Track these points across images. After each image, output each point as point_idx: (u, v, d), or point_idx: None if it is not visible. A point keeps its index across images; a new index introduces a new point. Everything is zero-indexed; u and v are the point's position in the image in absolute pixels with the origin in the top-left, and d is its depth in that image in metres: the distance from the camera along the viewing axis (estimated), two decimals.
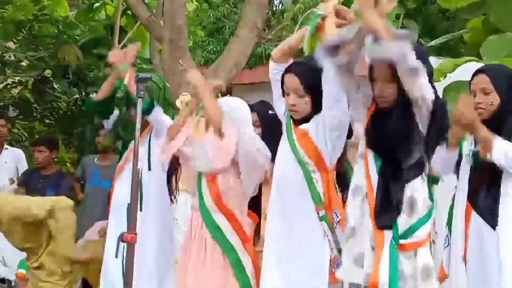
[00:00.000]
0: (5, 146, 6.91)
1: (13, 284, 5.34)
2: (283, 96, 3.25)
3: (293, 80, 3.14)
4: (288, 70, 3.19)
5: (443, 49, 8.74)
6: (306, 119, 3.19)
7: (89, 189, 6.42)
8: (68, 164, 9.52)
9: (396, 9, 7.73)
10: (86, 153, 8.73)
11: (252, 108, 4.25)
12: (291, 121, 3.25)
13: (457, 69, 5.56)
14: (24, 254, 5.40)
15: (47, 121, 9.75)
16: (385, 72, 2.68)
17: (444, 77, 4.65)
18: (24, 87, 9.30)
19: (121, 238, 3.10)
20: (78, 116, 9.62)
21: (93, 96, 9.40)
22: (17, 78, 9.19)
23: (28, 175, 6.51)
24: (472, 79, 3.09)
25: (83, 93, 9.43)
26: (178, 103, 4.38)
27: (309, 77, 3.11)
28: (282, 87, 3.24)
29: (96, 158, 6.58)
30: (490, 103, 3.01)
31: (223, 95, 4.59)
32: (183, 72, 4.46)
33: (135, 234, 2.99)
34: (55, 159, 9.34)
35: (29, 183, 6.38)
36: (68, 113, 9.88)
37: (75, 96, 9.46)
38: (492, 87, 3.00)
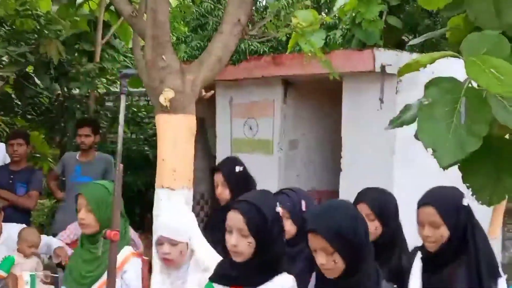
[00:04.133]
0: None
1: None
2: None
3: (237, 218, 2.83)
4: (232, 207, 2.91)
5: (426, 46, 8.79)
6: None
7: (71, 184, 6.45)
8: (50, 160, 9.48)
9: (379, 6, 7.76)
10: (68, 148, 8.72)
11: (218, 168, 4.21)
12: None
13: (439, 65, 5.59)
14: (2, 255, 5.36)
15: (29, 116, 9.69)
16: None
17: (424, 67, 4.72)
18: (5, 83, 9.23)
19: (104, 235, 3.09)
20: (60, 112, 9.58)
21: (76, 92, 9.39)
22: None
23: None
24: (419, 208, 2.97)
25: (65, 89, 9.39)
26: (161, 99, 4.37)
27: (254, 218, 2.82)
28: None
29: (77, 155, 6.59)
30: (441, 236, 2.96)
31: (207, 90, 4.59)
32: (166, 68, 4.45)
33: (118, 231, 2.99)
34: (36, 155, 9.32)
35: None
36: (50, 108, 9.83)
37: (57, 92, 9.41)
38: (441, 220, 2.94)
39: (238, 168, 4.10)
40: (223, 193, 4.10)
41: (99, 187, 3.54)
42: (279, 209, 2.92)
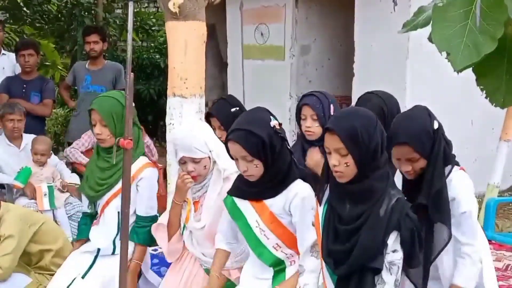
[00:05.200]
0: (3, 51, 6.79)
1: (15, 191, 5.41)
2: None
3: (236, 148, 2.89)
4: (228, 138, 2.93)
5: None
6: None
7: (83, 94, 6.48)
8: (60, 68, 9.47)
9: None
10: (79, 57, 8.68)
11: (211, 113, 4.11)
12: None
13: None
14: (23, 162, 5.44)
15: (38, 24, 9.61)
16: None
17: None
18: None
19: (117, 143, 3.10)
20: (68, 20, 9.48)
21: None
22: None
23: (10, 81, 6.42)
24: (394, 145, 2.87)
25: None
26: (171, 5, 4.30)
27: (252, 142, 2.85)
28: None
29: (87, 64, 6.58)
30: (419, 168, 2.93)
31: None
32: None
33: (131, 139, 2.99)
34: (46, 63, 9.30)
35: (12, 89, 6.32)
36: (59, 16, 9.73)
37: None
38: (418, 155, 2.89)
39: (233, 109, 4.01)
40: (223, 136, 4.02)
41: (111, 101, 3.51)
42: (273, 122, 2.91)
